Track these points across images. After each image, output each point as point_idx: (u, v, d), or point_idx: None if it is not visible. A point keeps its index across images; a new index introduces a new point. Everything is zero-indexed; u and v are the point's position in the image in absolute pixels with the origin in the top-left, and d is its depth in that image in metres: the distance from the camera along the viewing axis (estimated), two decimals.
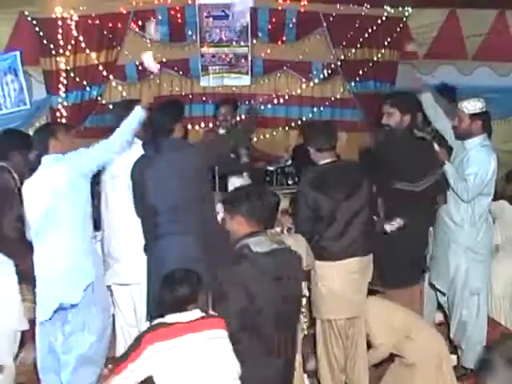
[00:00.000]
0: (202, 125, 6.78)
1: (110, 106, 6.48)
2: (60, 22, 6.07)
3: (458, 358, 4.30)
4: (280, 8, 6.60)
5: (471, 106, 4.08)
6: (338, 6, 6.56)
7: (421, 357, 3.70)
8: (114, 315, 4.22)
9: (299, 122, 6.90)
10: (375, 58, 6.73)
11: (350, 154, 5.65)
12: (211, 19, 6.60)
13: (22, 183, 3.85)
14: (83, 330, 3.74)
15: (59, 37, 6.09)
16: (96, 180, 3.96)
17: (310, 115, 6.90)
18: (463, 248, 4.17)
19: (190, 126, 6.77)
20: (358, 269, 3.78)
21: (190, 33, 6.60)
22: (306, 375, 3.67)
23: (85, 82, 6.29)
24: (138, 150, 3.99)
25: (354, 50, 6.69)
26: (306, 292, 3.97)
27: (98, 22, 6.20)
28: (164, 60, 6.58)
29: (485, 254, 4.25)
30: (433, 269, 4.37)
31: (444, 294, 4.38)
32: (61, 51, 6.12)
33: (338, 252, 3.72)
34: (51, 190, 3.57)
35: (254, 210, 3.03)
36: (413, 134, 4.12)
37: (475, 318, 4.23)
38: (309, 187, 3.72)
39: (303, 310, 3.99)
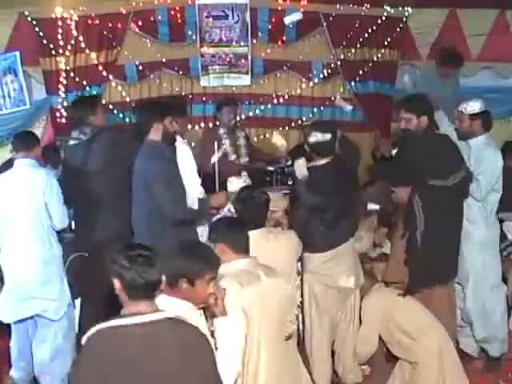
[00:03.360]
0: (202, 125, 6.76)
1: (110, 106, 6.49)
2: (60, 22, 6.07)
3: (484, 350, 4.45)
4: (280, 8, 6.59)
5: (470, 106, 4.27)
6: (337, 6, 6.54)
7: (423, 357, 3.71)
8: None
9: (299, 122, 6.89)
10: (375, 58, 6.71)
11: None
12: (211, 19, 6.59)
13: None
14: (58, 320, 3.94)
15: (59, 37, 6.09)
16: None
17: (310, 115, 6.89)
18: (478, 244, 4.27)
19: (189, 126, 6.76)
20: (347, 251, 3.96)
21: (189, 33, 6.59)
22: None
23: (84, 82, 6.28)
24: None
25: (354, 50, 6.67)
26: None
27: (97, 22, 6.19)
28: (164, 60, 6.60)
29: (497, 248, 4.42)
30: None
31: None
32: (61, 51, 6.12)
33: (330, 242, 3.89)
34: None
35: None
36: (434, 132, 4.18)
37: (499, 309, 4.37)
38: (308, 188, 3.87)
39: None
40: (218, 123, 5.87)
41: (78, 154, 4.28)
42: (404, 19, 6.61)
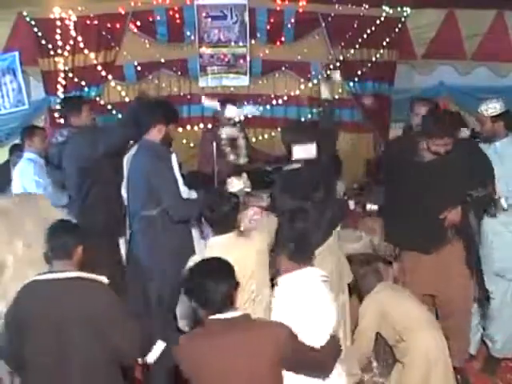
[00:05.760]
0: (201, 125, 6.76)
1: (109, 107, 6.49)
2: (58, 23, 6.07)
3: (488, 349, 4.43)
4: (278, 8, 6.60)
5: (491, 108, 4.17)
6: (336, 6, 6.55)
7: (409, 358, 3.71)
8: None
9: None
10: (374, 59, 6.72)
11: (350, 153, 5.66)
12: (210, 19, 6.59)
13: None
14: None
15: (57, 37, 6.09)
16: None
17: (309, 115, 6.90)
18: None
19: (188, 127, 6.77)
20: (331, 268, 3.83)
21: (188, 33, 6.60)
22: None
23: (83, 83, 6.28)
24: None
25: (352, 51, 6.69)
26: None
27: (96, 22, 6.20)
28: (162, 60, 6.60)
29: None
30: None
31: None
32: (59, 51, 6.13)
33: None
34: None
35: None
36: (461, 141, 4.13)
37: None
38: (280, 192, 3.83)
39: None
40: (216, 124, 5.86)
41: (53, 155, 4.52)
42: (403, 19, 6.62)
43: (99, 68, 6.34)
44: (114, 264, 4.19)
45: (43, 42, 6.07)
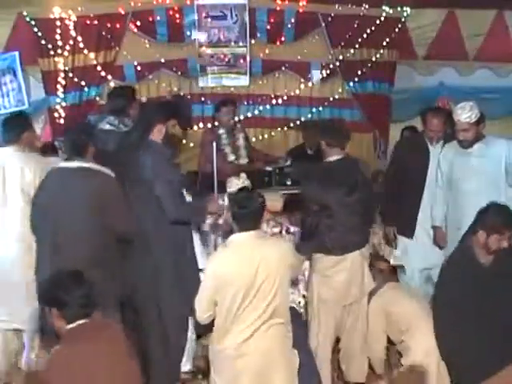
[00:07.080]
0: (201, 125, 6.76)
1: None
2: (58, 23, 6.06)
3: None
4: (278, 8, 6.59)
5: (474, 114, 4.20)
6: (336, 6, 6.54)
7: (408, 359, 3.73)
8: None
9: (298, 123, 6.89)
10: (374, 59, 6.71)
11: (350, 153, 5.63)
12: (210, 19, 6.59)
13: None
14: None
15: (57, 37, 6.08)
16: None
17: (309, 115, 6.90)
18: None
19: None
20: (359, 261, 3.92)
21: (188, 33, 6.60)
22: None
23: (83, 83, 6.28)
24: None
25: (352, 51, 6.68)
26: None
27: (96, 22, 6.19)
28: (162, 60, 6.60)
29: None
30: None
31: None
32: (59, 51, 6.12)
33: (340, 247, 3.85)
34: None
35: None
36: None
37: None
38: (315, 183, 3.92)
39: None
40: (216, 124, 5.87)
41: (113, 141, 4.30)
42: (403, 19, 6.62)
43: (99, 68, 6.33)
44: None
45: (43, 41, 6.06)
